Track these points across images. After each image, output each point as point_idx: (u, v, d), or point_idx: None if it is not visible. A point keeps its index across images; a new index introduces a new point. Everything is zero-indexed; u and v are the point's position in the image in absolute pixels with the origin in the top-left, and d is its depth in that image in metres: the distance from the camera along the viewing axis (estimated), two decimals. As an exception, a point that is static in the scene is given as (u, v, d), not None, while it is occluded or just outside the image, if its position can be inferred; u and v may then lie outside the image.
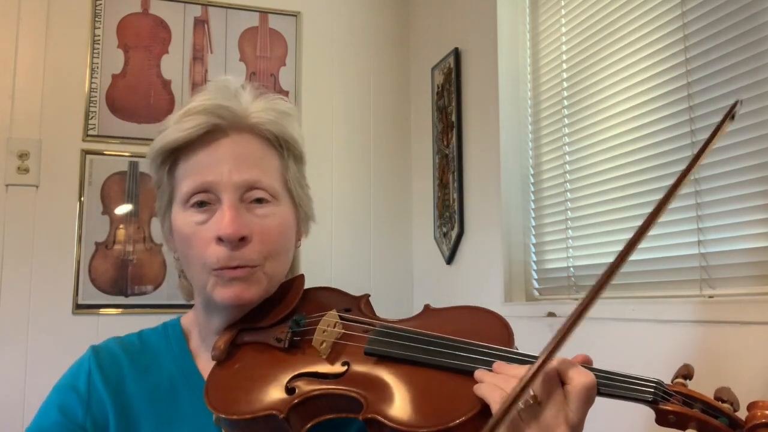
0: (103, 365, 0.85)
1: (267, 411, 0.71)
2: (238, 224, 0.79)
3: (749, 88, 1.16)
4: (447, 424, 0.63)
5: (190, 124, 0.80)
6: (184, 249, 0.82)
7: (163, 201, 0.86)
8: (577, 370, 0.64)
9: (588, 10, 1.65)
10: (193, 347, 0.89)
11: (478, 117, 2.09)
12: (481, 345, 0.71)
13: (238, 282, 0.80)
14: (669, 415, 0.63)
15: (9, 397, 2.09)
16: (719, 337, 1.12)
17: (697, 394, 0.64)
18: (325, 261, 2.49)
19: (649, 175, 1.40)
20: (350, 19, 2.68)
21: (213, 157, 0.81)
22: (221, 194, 0.80)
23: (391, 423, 0.65)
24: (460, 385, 0.67)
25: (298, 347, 0.79)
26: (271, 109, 0.86)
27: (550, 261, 1.80)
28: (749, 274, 1.16)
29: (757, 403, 0.61)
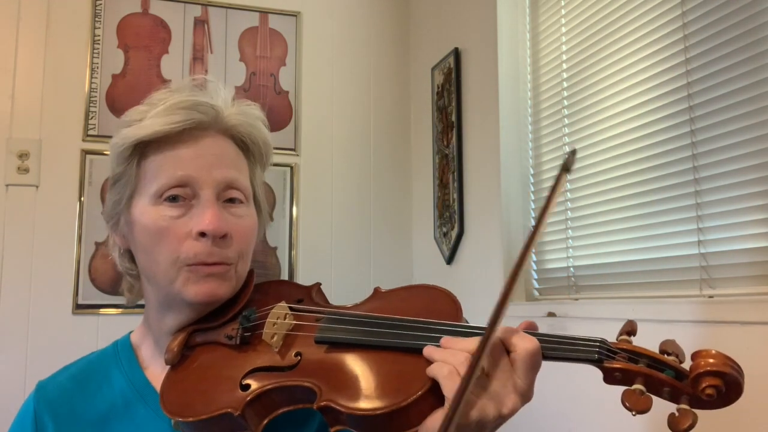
0: (50, 401, 0.84)
1: (222, 410, 0.71)
2: (222, 221, 0.79)
3: (749, 88, 1.16)
4: (399, 404, 0.63)
5: (178, 117, 0.79)
6: (150, 244, 0.80)
7: (123, 194, 0.83)
8: (520, 337, 0.64)
9: (588, 10, 1.65)
10: (143, 359, 0.88)
11: (478, 117, 2.09)
12: (428, 322, 0.71)
13: (214, 278, 0.79)
14: (615, 373, 0.63)
15: (9, 397, 2.09)
16: (719, 337, 1.12)
17: (641, 349, 0.64)
18: (325, 261, 2.49)
19: (649, 175, 1.40)
20: (350, 19, 2.68)
21: (194, 153, 0.80)
22: (200, 190, 0.79)
23: (345, 408, 0.65)
24: (410, 363, 0.67)
25: (249, 343, 0.79)
26: (246, 113, 0.86)
27: (550, 261, 1.80)
28: (749, 274, 1.16)
29: (701, 352, 0.61)
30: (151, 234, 0.80)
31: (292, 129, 2.53)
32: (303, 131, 2.54)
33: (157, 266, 0.80)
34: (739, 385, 0.61)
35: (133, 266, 0.87)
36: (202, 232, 0.78)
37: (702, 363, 0.60)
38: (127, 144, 0.80)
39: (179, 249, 0.78)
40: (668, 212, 1.35)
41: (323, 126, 2.59)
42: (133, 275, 0.88)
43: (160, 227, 0.79)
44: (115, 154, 0.82)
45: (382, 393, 0.66)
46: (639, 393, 0.61)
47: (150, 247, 0.80)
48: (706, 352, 0.61)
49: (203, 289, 0.79)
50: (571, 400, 1.48)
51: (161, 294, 0.83)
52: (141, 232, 0.81)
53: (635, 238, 1.45)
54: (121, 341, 0.91)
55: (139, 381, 0.85)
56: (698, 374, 0.60)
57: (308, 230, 2.50)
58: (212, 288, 0.79)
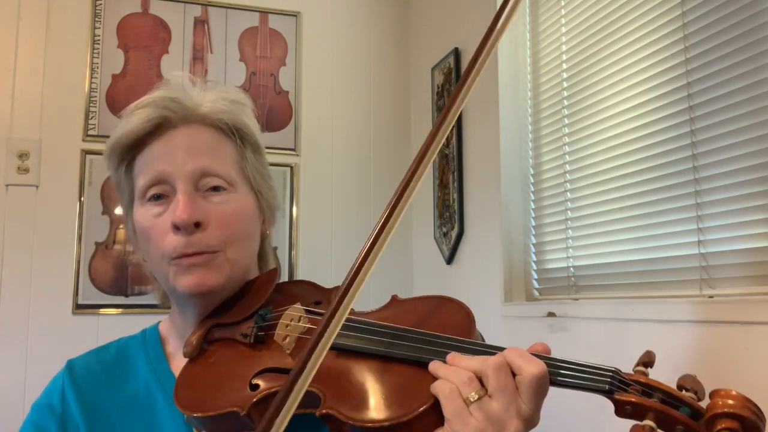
0: (77, 381, 0.85)
1: (229, 408, 0.71)
2: (192, 210, 0.78)
3: (749, 88, 1.16)
4: (400, 419, 0.63)
5: (137, 118, 0.81)
6: (145, 244, 0.82)
7: (124, 201, 0.86)
8: (526, 360, 0.62)
9: (588, 10, 1.65)
10: (170, 351, 0.89)
11: (478, 117, 2.08)
12: (439, 336, 0.70)
13: (198, 268, 0.79)
14: (626, 406, 0.61)
15: (9, 397, 2.09)
16: (719, 337, 1.12)
17: (657, 383, 0.61)
18: (326, 261, 2.49)
19: (649, 175, 1.40)
20: (350, 19, 2.68)
21: (165, 149, 0.81)
22: (175, 184, 0.80)
23: (347, 419, 0.65)
24: (416, 377, 0.67)
25: (263, 342, 0.79)
26: (222, 99, 0.86)
27: (550, 261, 1.80)
28: (749, 274, 1.16)
29: (719, 392, 0.58)
30: (142, 234, 0.82)
31: (292, 129, 2.53)
32: (303, 131, 2.54)
33: (155, 264, 0.82)
34: (759, 431, 0.57)
35: None
36: (175, 224, 0.78)
37: (720, 403, 0.57)
38: (108, 154, 0.84)
39: (163, 245, 0.79)
40: (668, 212, 1.35)
41: (323, 126, 2.59)
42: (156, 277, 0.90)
43: (146, 227, 0.81)
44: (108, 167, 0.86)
45: (385, 406, 0.65)
46: (648, 429, 0.58)
47: (146, 246, 0.83)
48: (725, 392, 0.58)
49: (190, 280, 0.79)
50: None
51: (169, 291, 0.85)
52: (139, 234, 0.83)
53: (635, 238, 1.45)
54: (150, 330, 0.92)
55: (163, 372, 0.86)
56: (714, 415, 0.57)
57: (308, 230, 2.50)
58: (198, 278, 0.79)
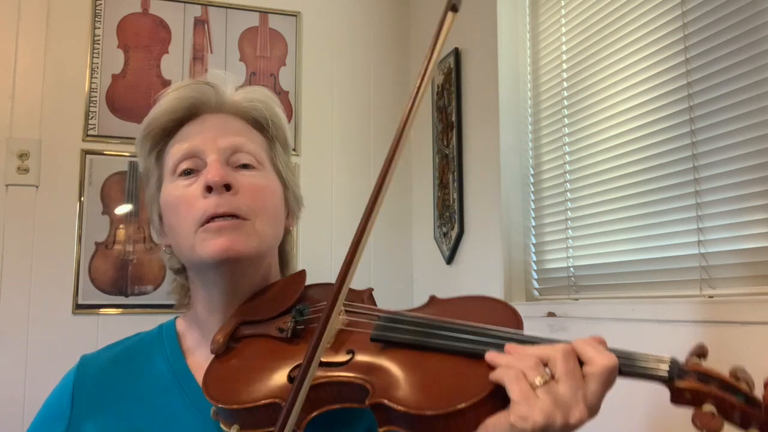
0: (90, 378, 0.85)
1: (269, 399, 0.70)
2: (225, 171, 0.80)
3: (749, 88, 1.16)
4: (455, 406, 0.62)
5: (173, 96, 0.85)
6: (173, 218, 0.82)
7: (152, 187, 0.88)
8: (598, 351, 0.63)
9: (588, 10, 1.65)
10: (187, 346, 0.89)
11: (478, 117, 2.08)
12: (490, 328, 0.69)
13: (227, 231, 0.79)
14: (685, 393, 0.62)
15: (9, 397, 2.09)
16: (719, 337, 1.12)
17: (713, 371, 0.63)
18: (325, 261, 2.49)
19: (649, 175, 1.40)
20: (350, 19, 2.68)
21: (200, 128, 0.85)
22: (207, 156, 0.82)
23: (399, 406, 0.63)
24: (469, 368, 0.66)
25: (301, 337, 0.78)
26: (253, 93, 0.90)
27: (550, 261, 1.80)
28: (749, 274, 1.16)
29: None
30: (171, 208, 0.83)
31: (292, 129, 2.53)
32: (303, 131, 2.54)
33: (182, 238, 0.82)
34: None
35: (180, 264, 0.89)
36: (207, 185, 0.80)
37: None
38: (142, 134, 0.86)
39: (192, 211, 0.80)
40: (668, 212, 1.35)
41: (323, 126, 2.58)
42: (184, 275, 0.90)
43: (177, 197, 0.82)
44: (139, 150, 0.88)
45: (439, 394, 0.64)
46: (710, 414, 0.60)
47: (174, 221, 0.83)
48: None
49: (218, 243, 0.78)
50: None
51: (193, 268, 0.85)
52: (166, 210, 0.84)
53: (635, 238, 1.45)
54: (167, 326, 0.92)
55: (180, 369, 0.85)
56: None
57: (308, 230, 2.50)
58: (227, 241, 0.78)
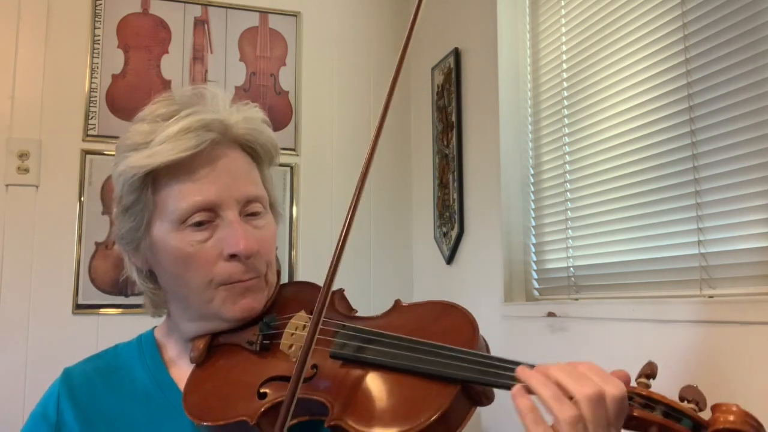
0: (74, 389, 0.85)
1: (238, 418, 0.72)
2: (252, 240, 0.79)
3: (749, 88, 1.16)
4: (408, 430, 0.64)
5: (192, 142, 0.77)
6: (179, 269, 0.80)
7: (141, 221, 0.81)
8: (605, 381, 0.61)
9: (588, 10, 1.65)
10: (169, 358, 0.88)
11: (478, 117, 2.08)
12: (447, 347, 0.70)
13: (251, 293, 0.81)
14: (629, 421, 0.61)
15: (9, 397, 2.09)
16: (719, 337, 1.12)
17: (658, 395, 0.61)
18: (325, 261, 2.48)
19: (649, 175, 1.40)
20: (350, 19, 2.68)
21: (211, 176, 0.79)
22: (223, 211, 0.79)
23: (356, 429, 0.65)
24: (423, 389, 0.67)
25: (269, 350, 0.79)
26: (250, 119, 0.85)
27: (550, 261, 1.80)
28: (749, 274, 1.16)
29: (721, 406, 0.59)
30: (179, 260, 0.79)
31: (292, 129, 2.53)
32: (303, 131, 2.54)
33: (189, 289, 0.81)
34: None
35: (156, 286, 0.86)
36: (236, 254, 0.79)
37: (721, 419, 0.58)
38: (140, 174, 0.78)
39: (212, 272, 0.79)
40: (668, 212, 1.35)
41: (323, 126, 2.58)
42: (157, 293, 0.87)
43: (189, 253, 0.79)
44: (125, 183, 0.79)
45: (393, 418, 0.66)
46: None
47: (179, 272, 0.80)
48: (726, 407, 0.59)
49: (242, 305, 0.81)
50: None
51: (194, 311, 0.83)
52: (167, 257, 0.80)
53: (635, 238, 1.45)
54: (145, 337, 0.92)
55: (163, 379, 0.85)
56: (715, 431, 0.58)
57: (308, 230, 2.50)
58: (249, 303, 0.81)
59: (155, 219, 0.81)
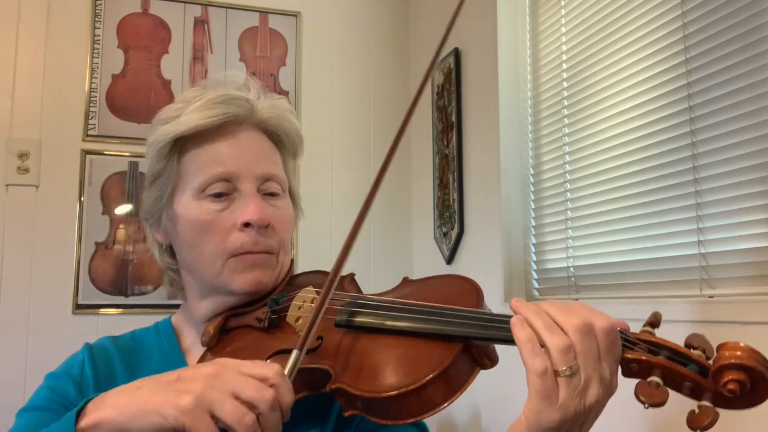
0: (96, 361, 0.86)
1: None
2: (265, 211, 0.82)
3: (749, 88, 1.16)
4: (408, 387, 0.63)
5: (217, 111, 0.82)
6: (195, 237, 0.83)
7: (165, 191, 0.85)
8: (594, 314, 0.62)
9: (588, 10, 1.65)
10: (185, 345, 0.90)
11: (478, 117, 2.09)
12: (447, 307, 0.71)
13: (259, 267, 0.83)
14: (632, 364, 0.60)
15: (9, 397, 2.09)
16: (719, 337, 1.11)
17: (663, 340, 0.60)
18: (325, 261, 2.49)
19: (649, 175, 1.40)
20: (350, 19, 2.68)
21: (233, 149, 0.83)
22: (241, 184, 0.83)
23: (357, 391, 0.65)
24: (424, 348, 0.68)
25: (277, 326, 0.81)
26: (278, 107, 0.89)
27: (550, 261, 1.80)
28: (749, 274, 1.16)
29: (726, 344, 0.57)
30: (196, 228, 0.82)
31: (292, 129, 2.53)
32: (303, 131, 2.52)
33: (202, 259, 0.83)
34: (766, 382, 0.55)
35: (173, 261, 0.89)
36: (247, 222, 0.81)
37: (726, 354, 0.56)
38: (167, 140, 0.83)
39: (225, 240, 0.82)
40: (668, 212, 1.35)
41: (323, 126, 2.58)
42: (174, 269, 0.90)
43: (205, 221, 0.82)
44: (154, 152, 0.84)
45: (393, 376, 0.66)
46: (654, 385, 0.57)
47: (195, 240, 0.83)
48: (732, 344, 0.56)
49: (249, 277, 0.82)
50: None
51: (205, 285, 0.85)
52: (185, 226, 0.83)
53: (635, 238, 1.45)
54: (162, 324, 0.93)
55: (179, 364, 0.86)
56: (721, 366, 0.55)
57: (308, 230, 2.50)
58: (258, 276, 0.82)
59: (178, 189, 0.84)
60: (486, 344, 0.68)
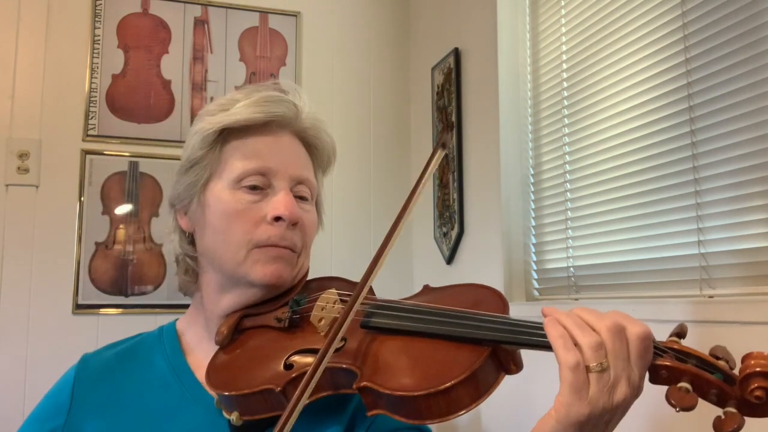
0: (90, 376, 0.87)
1: (264, 386, 0.72)
2: (297, 209, 0.85)
3: (749, 88, 1.16)
4: (437, 387, 0.64)
5: (265, 108, 0.86)
6: (223, 225, 0.84)
7: (201, 177, 0.87)
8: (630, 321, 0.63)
9: (588, 10, 1.65)
10: (187, 345, 0.91)
11: (478, 117, 2.09)
12: (475, 312, 0.71)
13: (281, 261, 0.84)
14: (662, 371, 0.62)
15: (9, 397, 2.09)
16: (719, 337, 1.12)
17: (691, 349, 0.63)
18: (325, 261, 2.49)
19: (649, 175, 1.40)
20: (350, 19, 2.68)
21: (275, 147, 0.87)
22: (277, 181, 0.85)
23: (384, 389, 0.66)
24: (452, 350, 0.68)
25: (297, 326, 0.81)
26: (317, 120, 0.93)
27: (550, 261, 1.80)
28: (749, 274, 1.16)
29: (752, 354, 0.60)
30: (226, 215, 0.84)
31: (292, 129, 2.53)
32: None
33: (227, 246, 0.84)
34: None
35: (192, 248, 0.90)
36: (278, 216, 0.83)
37: (753, 363, 0.59)
38: (216, 128, 0.85)
39: (253, 231, 0.83)
40: (668, 212, 1.35)
41: (323, 126, 2.58)
42: (193, 257, 0.91)
43: (237, 210, 0.84)
44: (199, 138, 0.87)
45: (422, 376, 0.66)
46: (684, 390, 0.60)
47: (223, 227, 0.84)
48: (758, 353, 0.59)
49: (271, 269, 0.83)
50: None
51: (225, 275, 0.86)
52: (215, 213, 0.85)
53: (635, 238, 1.45)
54: (167, 327, 0.94)
55: (180, 366, 0.87)
56: (747, 375, 0.58)
57: (308, 230, 2.50)
58: (279, 269, 0.84)
59: (215, 176, 0.86)
60: (514, 349, 0.69)
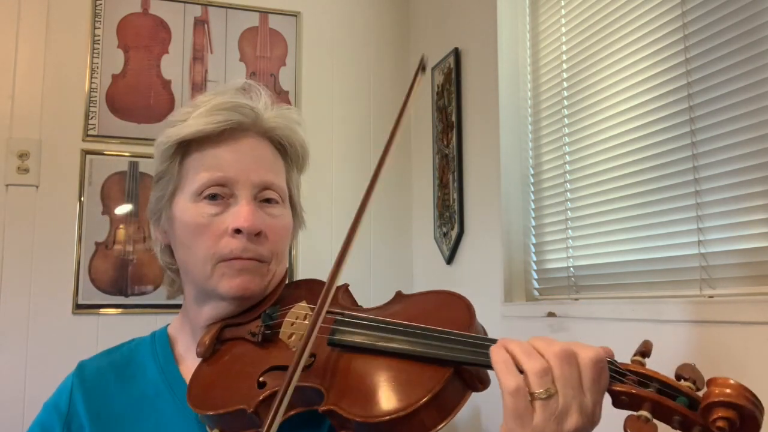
0: (86, 382, 0.87)
1: (238, 406, 0.73)
2: (257, 219, 0.82)
3: (749, 88, 1.16)
4: (399, 413, 0.63)
5: (220, 117, 0.83)
6: (189, 239, 0.83)
7: (166, 191, 0.86)
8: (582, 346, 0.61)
9: (588, 10, 1.65)
10: (179, 353, 0.90)
11: (478, 117, 2.09)
12: (438, 330, 0.70)
13: (247, 273, 0.82)
14: (622, 396, 0.59)
15: (9, 397, 2.09)
16: (719, 337, 1.12)
17: (653, 372, 0.60)
18: (325, 261, 2.49)
19: (649, 175, 1.40)
20: (350, 19, 2.68)
21: (234, 155, 0.84)
22: (238, 190, 0.83)
23: (349, 414, 0.66)
24: (416, 371, 0.68)
25: (271, 341, 0.80)
26: (285, 117, 0.90)
27: (550, 261, 1.80)
28: (749, 274, 1.16)
29: (716, 380, 0.56)
30: (190, 230, 0.83)
31: (292, 129, 2.53)
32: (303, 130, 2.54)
33: (195, 261, 0.83)
34: (756, 421, 0.55)
35: (173, 261, 0.90)
36: (238, 228, 0.81)
37: (716, 392, 0.55)
38: (171, 142, 0.84)
39: (216, 245, 0.82)
40: (668, 212, 1.35)
41: (323, 126, 2.58)
42: (173, 270, 0.91)
43: (199, 224, 0.83)
44: (159, 153, 0.86)
45: (385, 401, 0.66)
46: (644, 420, 0.57)
47: (189, 242, 0.84)
48: (722, 380, 0.56)
49: (236, 282, 0.82)
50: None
51: (197, 288, 0.86)
52: (181, 227, 0.84)
53: (635, 238, 1.45)
54: (159, 333, 0.94)
55: (172, 374, 0.87)
56: (710, 404, 0.55)
57: (308, 230, 2.49)
58: (245, 282, 0.82)
59: (178, 191, 0.85)
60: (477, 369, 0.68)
